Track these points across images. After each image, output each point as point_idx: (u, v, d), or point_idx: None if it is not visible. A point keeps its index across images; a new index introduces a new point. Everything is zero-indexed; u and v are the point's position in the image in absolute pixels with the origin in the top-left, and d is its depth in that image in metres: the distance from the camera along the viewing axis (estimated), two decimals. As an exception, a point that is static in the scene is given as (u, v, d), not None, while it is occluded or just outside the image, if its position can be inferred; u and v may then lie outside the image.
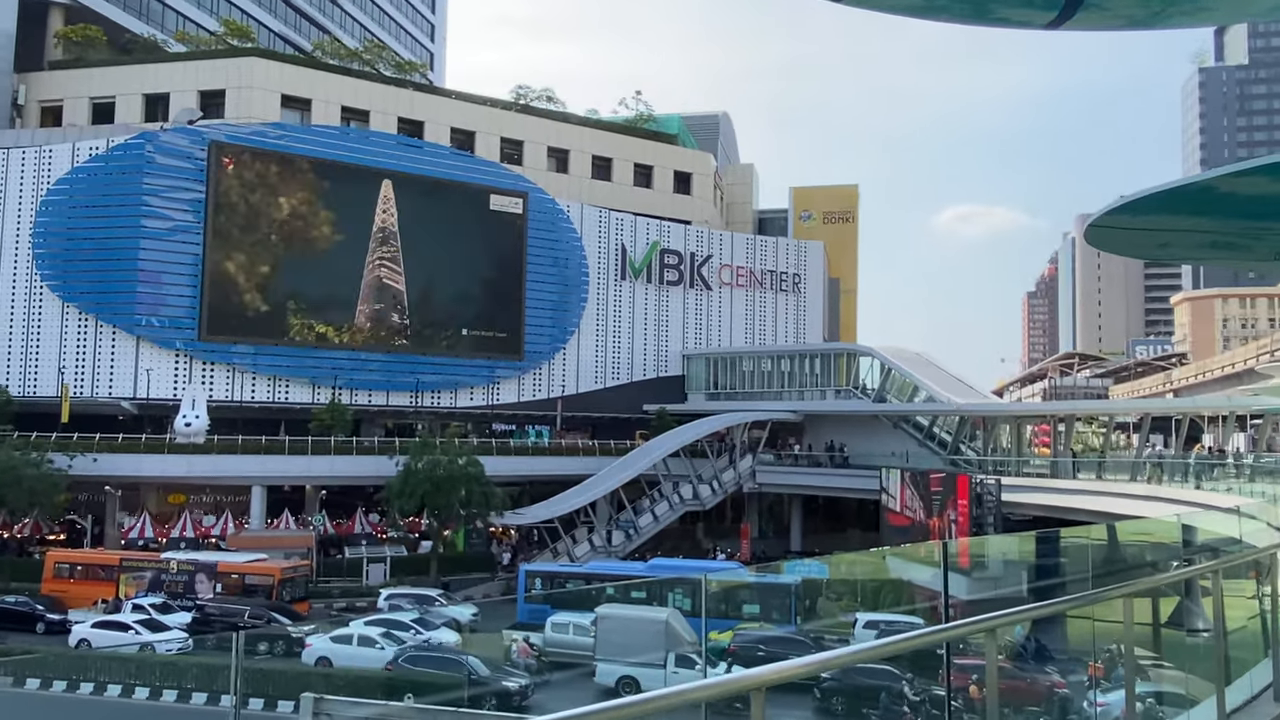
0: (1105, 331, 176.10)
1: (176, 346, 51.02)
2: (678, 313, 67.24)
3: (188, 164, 51.38)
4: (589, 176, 70.04)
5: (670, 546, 56.75)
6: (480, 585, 48.07)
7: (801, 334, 71.55)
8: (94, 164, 50.75)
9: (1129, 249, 11.07)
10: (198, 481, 48.99)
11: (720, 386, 65.40)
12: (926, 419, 54.15)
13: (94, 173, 50.68)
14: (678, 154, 74.78)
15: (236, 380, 52.32)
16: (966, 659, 8.06)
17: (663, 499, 53.50)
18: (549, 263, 61.54)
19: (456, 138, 65.17)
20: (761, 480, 56.38)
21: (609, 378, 64.17)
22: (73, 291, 50.18)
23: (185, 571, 39.29)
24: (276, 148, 53.42)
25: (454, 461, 45.61)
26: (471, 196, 58.74)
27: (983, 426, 50.97)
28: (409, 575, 46.36)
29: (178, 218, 51.03)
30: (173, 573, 39.47)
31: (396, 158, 56.75)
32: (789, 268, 71.74)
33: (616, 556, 49.70)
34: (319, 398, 53.58)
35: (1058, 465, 43.79)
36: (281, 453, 48.94)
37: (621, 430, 61.44)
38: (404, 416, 57.74)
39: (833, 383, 59.34)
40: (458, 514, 46.72)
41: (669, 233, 67.48)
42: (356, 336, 55.12)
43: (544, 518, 49.89)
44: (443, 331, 57.65)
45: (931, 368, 55.38)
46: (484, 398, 59.48)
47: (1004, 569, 14.54)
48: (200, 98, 59.05)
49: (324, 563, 47.42)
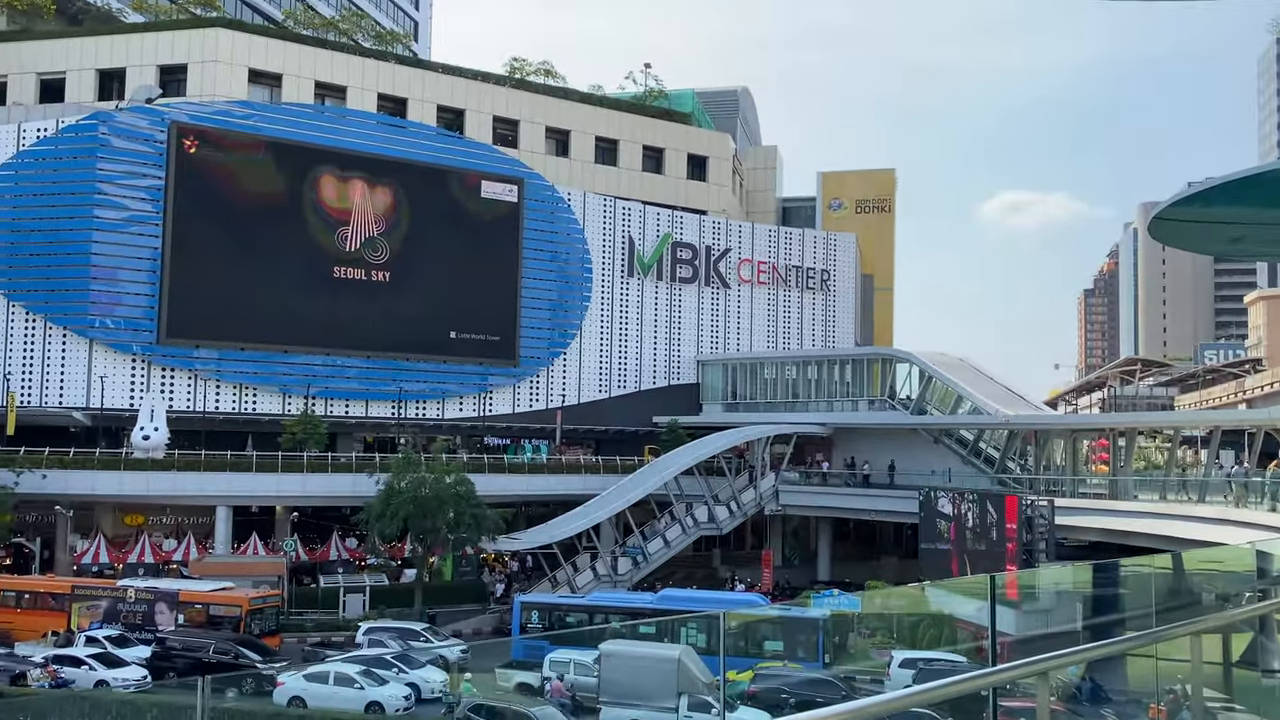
0: (1170, 334, 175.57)
1: (133, 351, 51.36)
2: (692, 313, 67.40)
3: (146, 147, 51.77)
4: (592, 161, 70.30)
5: (683, 576, 56.76)
6: (470, 619, 48.18)
7: (831, 337, 71.60)
8: (42, 147, 51.18)
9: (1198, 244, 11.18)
10: (157, 501, 49.27)
11: (739, 396, 65.48)
12: (971, 433, 54.15)
13: (41, 157, 51.10)
14: (692, 135, 75.01)
15: (199, 388, 52.65)
16: (1014, 701, 8.15)
17: (675, 522, 53.61)
18: (547, 257, 61.79)
19: (444, 117, 65.51)
20: (785, 502, 56.43)
21: (614, 386, 64.34)
22: (18, 289, 50.57)
23: (144, 601, 39.52)
24: (244, 129, 53.79)
25: (441, 480, 45.78)
26: (461, 183, 59.02)
27: (1034, 441, 50.94)
28: (391, 607, 46.51)
29: (135, 207, 51.40)
30: (130, 602, 39.72)
31: (377, 139, 57.08)
32: (817, 263, 71.86)
33: (623, 587, 49.78)
34: (290, 408, 53.86)
35: (1117, 484, 43.76)
36: (249, 469, 49.22)
37: (628, 445, 61.56)
38: (385, 429, 57.98)
39: (865, 392, 59.39)
40: (445, 539, 46.87)
41: (682, 223, 67.68)
42: (332, 339, 55.39)
43: (542, 543, 50.00)
44: (428, 334, 57.88)
45: (977, 375, 55.39)
46: (475, 408, 59.70)
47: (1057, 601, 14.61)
48: (160, 73, 59.54)
49: (296, 592, 47.61)
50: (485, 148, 62.24)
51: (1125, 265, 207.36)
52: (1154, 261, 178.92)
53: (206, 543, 49.75)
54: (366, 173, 56.40)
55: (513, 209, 60.43)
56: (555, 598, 44.26)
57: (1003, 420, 49.21)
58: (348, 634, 41.89)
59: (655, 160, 73.14)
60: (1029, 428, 50.35)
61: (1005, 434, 52.05)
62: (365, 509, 46.42)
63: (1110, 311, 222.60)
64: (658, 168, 73.07)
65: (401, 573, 52.06)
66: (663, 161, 73.16)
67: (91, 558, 48.18)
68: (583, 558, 51.87)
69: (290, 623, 43.97)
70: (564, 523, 50.93)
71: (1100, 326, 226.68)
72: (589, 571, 50.86)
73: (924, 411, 55.01)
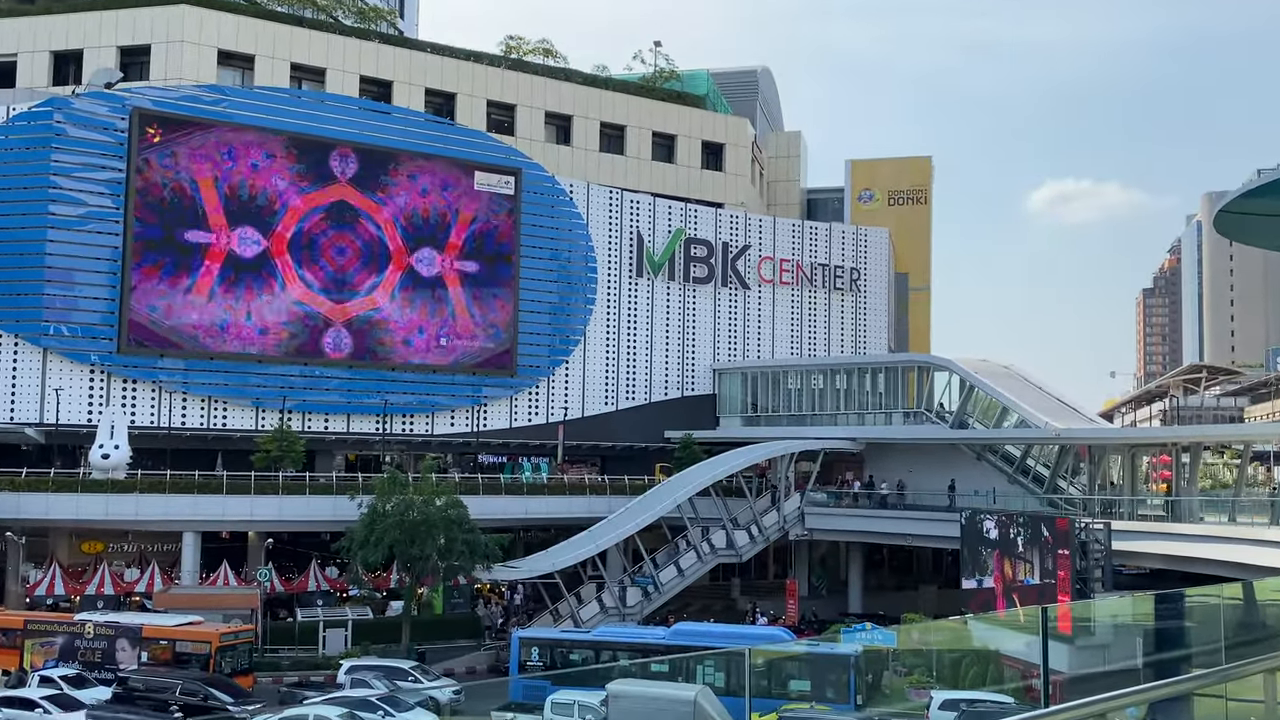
0: (1239, 338, 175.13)
1: (91, 361, 51.64)
2: (707, 317, 67.49)
3: (105, 136, 52.11)
4: (597, 149, 70.53)
5: (699, 608, 56.72)
6: (464, 656, 48.22)
7: (861, 343, 71.62)
8: (-8, 137, 51.50)
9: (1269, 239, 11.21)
10: (118, 526, 49.45)
11: (760, 408, 65.51)
12: (1018, 448, 54.07)
13: (-9, 148, 51.42)
14: (707, 120, 75.23)
15: (164, 402, 52.88)
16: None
17: (689, 548, 53.62)
18: (547, 256, 61.99)
19: (433, 101, 65.82)
20: (812, 525, 56.42)
21: (622, 398, 64.45)
22: (-35, 293, 50.87)
23: (104, 637, 39.66)
24: (213, 115, 54.12)
25: (430, 503, 45.89)
26: (452, 174, 59.28)
27: (1088, 457, 50.86)
28: (376, 643, 46.60)
29: (93, 203, 51.73)
30: (89, 638, 39.86)
31: (359, 126, 57.38)
32: (846, 260, 71.94)
33: (632, 621, 49.81)
34: (264, 423, 54.07)
35: (1181, 505, 43.65)
36: (219, 491, 49.39)
37: (638, 463, 61.61)
38: (369, 446, 58.16)
39: (900, 404, 59.38)
40: (435, 568, 46.92)
41: (696, 218, 67.82)
42: (310, 347, 55.60)
43: (542, 572, 50.03)
44: (416, 341, 58.07)
45: (1024, 385, 55.36)
46: (467, 423, 59.86)
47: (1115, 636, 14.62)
48: (120, 55, 59.93)
49: (271, 627, 47.72)
50: (479, 135, 62.51)
51: (1188, 262, 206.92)
52: (1220, 258, 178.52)
53: (172, 572, 49.89)
54: (347, 163, 56.66)
55: (509, 202, 60.66)
56: (557, 633, 44.26)
57: (1053, 434, 49.14)
58: (328, 673, 41.94)
59: (666, 148, 73.32)
60: (1082, 442, 50.27)
61: (1056, 450, 51.96)
62: (347, 535, 46.54)
63: (1172, 313, 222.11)
64: (669, 156, 73.24)
65: (387, 605, 52.11)
66: (674, 149, 73.33)
67: (46, 589, 48.36)
68: (588, 588, 51.89)
69: (265, 661, 44.02)
70: (567, 549, 50.95)
71: (1161, 330, 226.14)
72: (595, 603, 50.88)
73: (965, 425, 54.98)
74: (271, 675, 42.76)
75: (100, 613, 42.67)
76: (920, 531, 52.84)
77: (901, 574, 66.59)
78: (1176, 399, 77.12)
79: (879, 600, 58.38)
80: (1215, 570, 35.93)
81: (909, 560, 66.47)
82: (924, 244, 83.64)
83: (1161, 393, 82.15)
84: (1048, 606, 33.84)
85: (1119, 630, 14.43)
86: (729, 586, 62.49)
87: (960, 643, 32.08)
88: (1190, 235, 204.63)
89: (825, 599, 60.53)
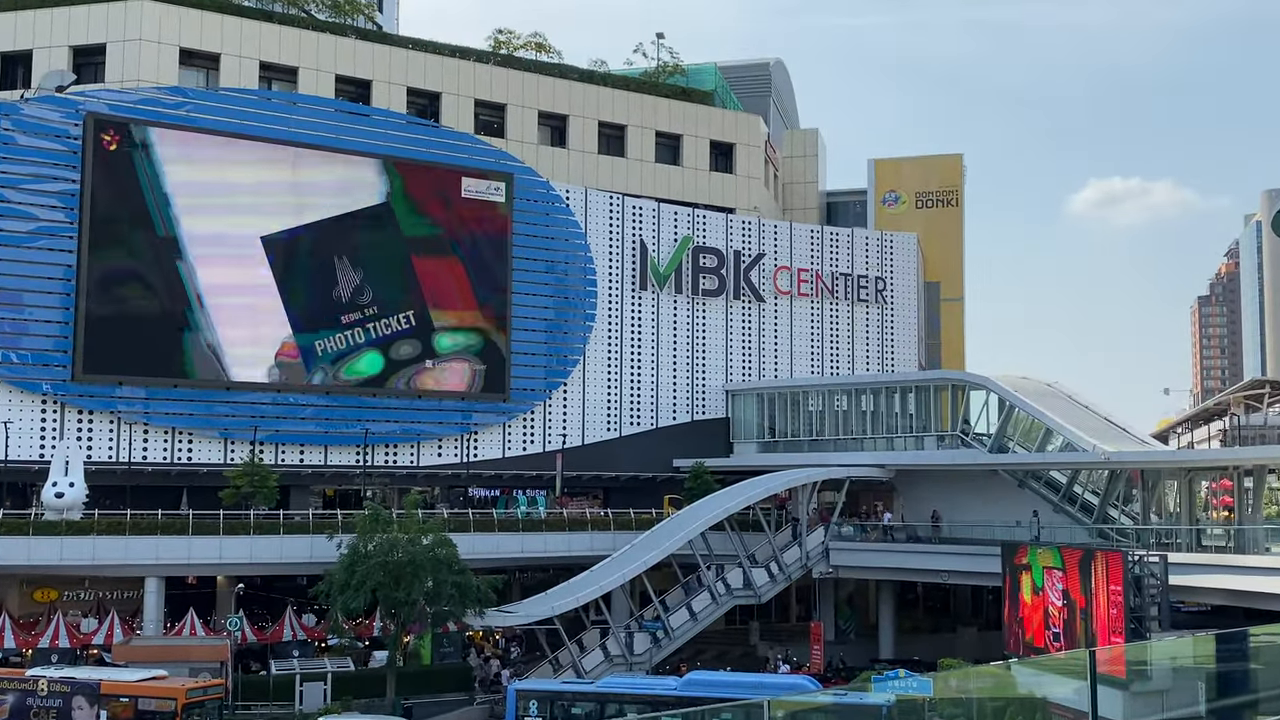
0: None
1: (43, 390, 51.77)
2: (718, 333, 67.57)
3: (57, 145, 52.39)
4: (595, 151, 70.81)
5: (714, 655, 56.56)
6: (455, 710, 48.14)
7: (889, 360, 71.64)
8: (-67, 147, 51.80)
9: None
10: (74, 572, 49.42)
11: (778, 433, 65.50)
12: (1064, 474, 53.99)
13: (-67, 159, 51.71)
14: (715, 117, 75.53)
15: (124, 434, 52.97)
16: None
17: (703, 589, 53.55)
18: (542, 268, 62.15)
19: (416, 102, 66.14)
20: (838, 562, 56.32)
21: (626, 424, 64.46)
22: (-95, 318, 51.05)
23: (59, 694, 39.53)
24: (175, 120, 54.39)
25: (417, 541, 45.88)
26: (437, 180, 59.50)
27: (1141, 483, 50.76)
28: (358, 698, 46.43)
29: (44, 217, 51.96)
30: (42, 695, 39.74)
31: (335, 130, 57.67)
32: (870, 269, 72.05)
33: (641, 670, 49.72)
34: (234, 456, 54.14)
35: (1244, 535, 43.54)
36: (184, 532, 49.39)
37: (644, 495, 61.58)
38: (349, 480, 58.19)
39: (933, 426, 59.36)
40: (423, 613, 46.87)
41: (705, 224, 68.00)
42: (283, 372, 55.72)
43: (541, 617, 49.96)
44: (400, 363, 58.17)
45: (1069, 404, 55.35)
46: (456, 453, 59.89)
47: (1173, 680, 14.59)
48: (73, 55, 60.30)
49: (243, 681, 47.62)
50: (466, 138, 62.80)
51: (1247, 266, 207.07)
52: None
53: (133, 622, 49.84)
54: (323, 170, 56.93)
55: (500, 210, 60.86)
56: (558, 684, 44.19)
57: (1102, 458, 49.09)
58: (306, 731, 41.85)
59: (671, 149, 73.57)
60: (1134, 466, 50.20)
61: (1105, 475, 51.87)
62: (325, 578, 46.49)
63: (1230, 323, 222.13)
64: (674, 158, 73.49)
65: (370, 655, 51.99)
66: (680, 150, 73.59)
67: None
68: (591, 635, 51.80)
69: (236, 719, 43.87)
70: (567, 591, 50.89)
71: (1218, 342, 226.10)
72: (598, 651, 50.79)
73: (1005, 449, 54.95)
74: (243, 735, 42.71)
75: (55, 667, 42.58)
76: (958, 568, 52.73)
77: (938, 615, 66.41)
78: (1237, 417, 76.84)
79: (913, 644, 58.19)
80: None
81: (946, 600, 66.30)
82: (956, 250, 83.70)
83: (1220, 410, 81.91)
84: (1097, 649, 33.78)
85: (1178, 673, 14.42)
86: (747, 631, 62.33)
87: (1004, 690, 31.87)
88: (1249, 237, 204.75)
89: (853, 643, 60.37)
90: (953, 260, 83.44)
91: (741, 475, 58.93)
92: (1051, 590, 42.78)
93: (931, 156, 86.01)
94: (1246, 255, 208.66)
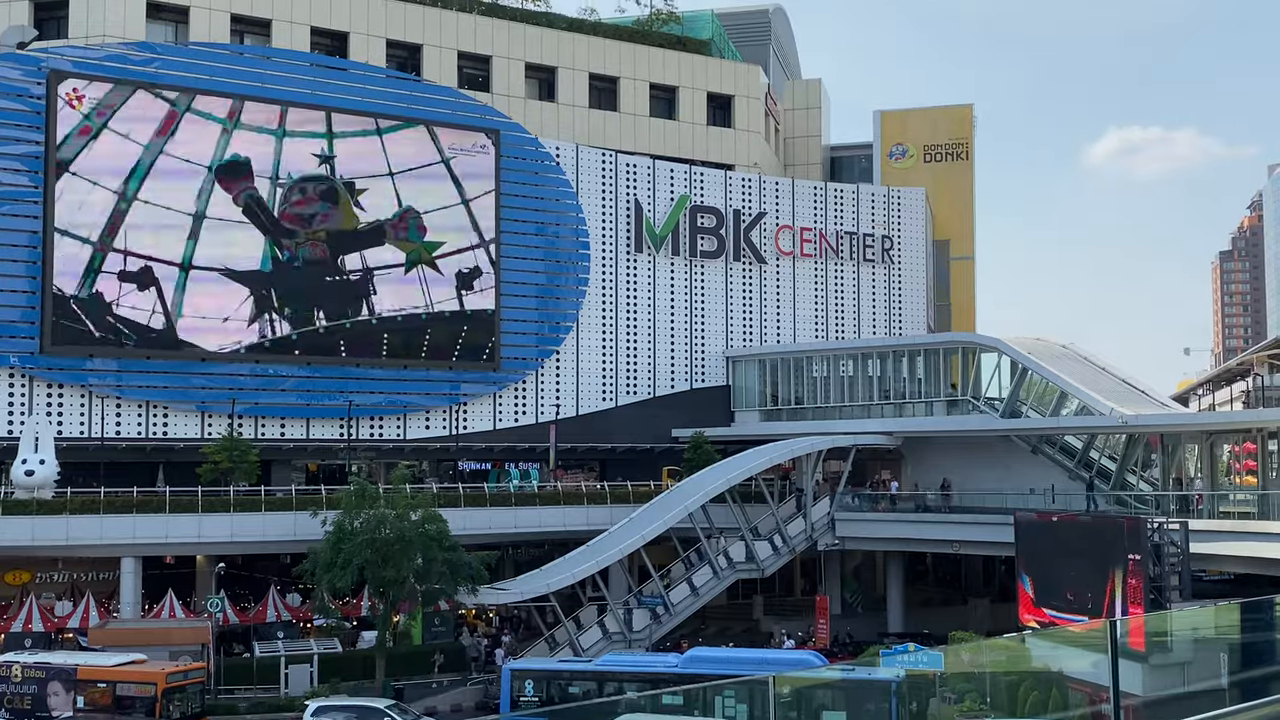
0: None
1: (9, 363, 51.68)
2: (718, 297, 67.52)
3: (19, 104, 52.09)
4: (586, 105, 70.47)
5: (716, 631, 56.90)
6: (447, 692, 48.39)
7: (896, 322, 71.65)
8: (-112, 109, 51.53)
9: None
10: (47, 552, 49.52)
11: (781, 401, 65.56)
12: (1080, 439, 54.11)
13: (-111, 121, 51.45)
14: (712, 68, 75.17)
15: (95, 409, 52.96)
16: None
17: (703, 563, 53.76)
18: (531, 230, 62.01)
19: (396, 55, 65.73)
20: (844, 533, 56.53)
21: (622, 393, 64.51)
22: None
23: (33, 680, 39.74)
24: (142, 77, 54.09)
25: (405, 517, 45.94)
26: (418, 138, 59.25)
27: (1160, 448, 50.90)
28: (346, 680, 46.68)
29: (8, 181, 51.73)
30: (16, 682, 39.94)
31: (311, 85, 57.39)
32: (876, 227, 71.92)
33: (640, 647, 49.94)
34: (211, 430, 54.17)
35: (1269, 500, 43.67)
36: (161, 510, 49.45)
37: (642, 467, 61.70)
38: (332, 454, 58.25)
39: (942, 391, 59.44)
40: (413, 592, 47.06)
41: (703, 182, 67.80)
42: (260, 343, 55.67)
43: (536, 594, 50.18)
44: (383, 332, 58.13)
45: (1085, 366, 55.41)
46: (445, 425, 59.92)
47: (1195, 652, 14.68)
48: (34, 10, 59.77)
49: (226, 664, 47.85)
50: (449, 92, 62.47)
51: (1271, 219, 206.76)
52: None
53: (110, 604, 50.02)
54: (300, 125, 56.69)
55: (486, 169, 60.62)
56: (555, 663, 44.43)
57: (1119, 422, 49.18)
58: (292, 715, 41.98)
59: (667, 102, 73.25)
60: (1153, 430, 50.32)
61: (1123, 440, 51.99)
62: (310, 556, 46.58)
63: (1254, 278, 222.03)
64: (670, 112, 73.19)
65: (358, 636, 52.20)
66: (676, 104, 73.27)
67: (-35, 627, 48.48)
68: (588, 611, 52.03)
69: (219, 703, 44.15)
70: (563, 567, 51.08)
71: (1240, 299, 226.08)
72: (596, 629, 51.03)
73: (1018, 413, 55.03)
74: (227, 719, 42.84)
75: (29, 653, 42.80)
76: (969, 537, 52.93)
77: (948, 587, 66.76)
78: (1261, 377, 76.99)
79: (923, 617, 58.49)
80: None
81: (956, 571, 66.62)
82: (966, 206, 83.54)
83: (1243, 371, 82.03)
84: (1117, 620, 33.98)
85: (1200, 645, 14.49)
86: (750, 605, 62.62)
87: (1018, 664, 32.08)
88: (1273, 188, 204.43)
89: (860, 617, 60.65)
90: (963, 216, 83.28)
91: (743, 445, 59.02)
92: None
93: (940, 108, 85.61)
94: (1271, 207, 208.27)
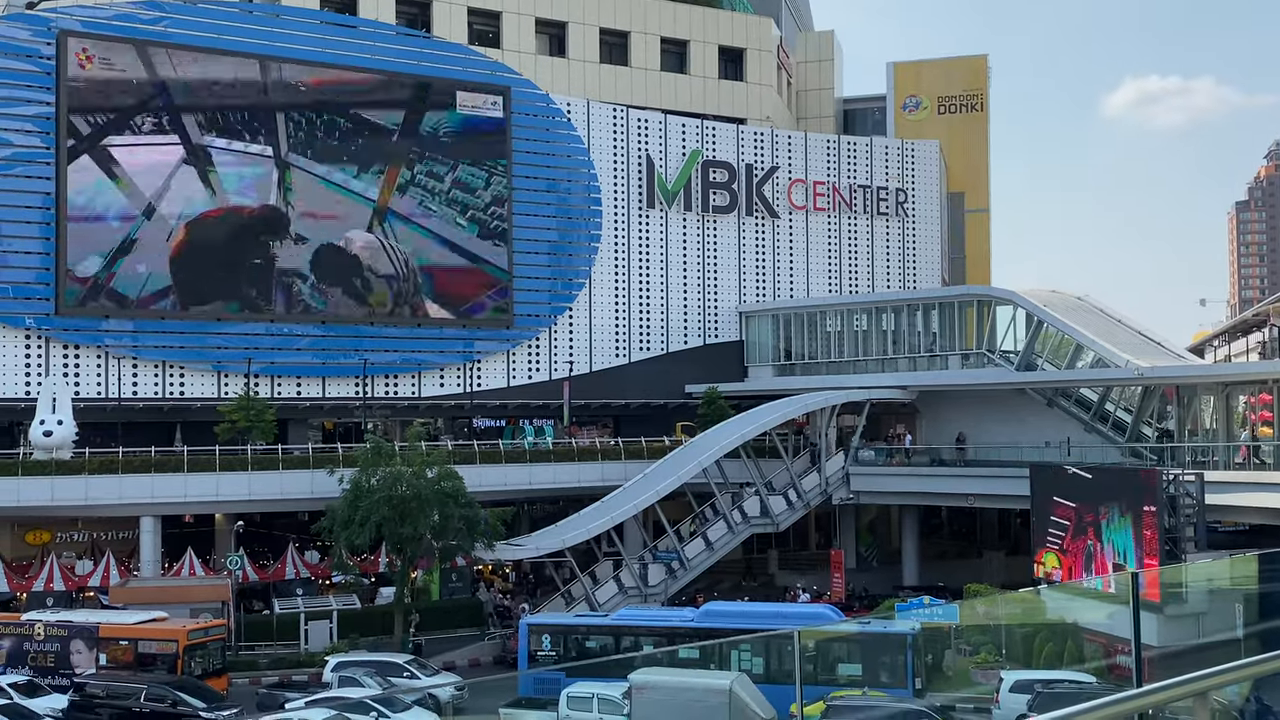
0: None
1: (26, 324, 51.83)
2: (731, 252, 67.30)
3: (29, 65, 51.93)
4: (597, 60, 70.06)
5: (731, 585, 57.15)
6: (465, 647, 48.75)
7: (911, 276, 71.40)
8: (-101, 71, 51.45)
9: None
10: (66, 512, 49.89)
11: (795, 356, 65.49)
12: (1095, 392, 54.01)
13: (-101, 83, 51.39)
14: (724, 21, 74.59)
15: (112, 369, 53.13)
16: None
17: (718, 518, 53.91)
18: (543, 187, 61.79)
19: (405, 12, 65.38)
20: (858, 488, 56.62)
21: (635, 349, 64.49)
22: (-122, 252, 51.07)
23: (56, 638, 40.16)
24: (152, 35, 53.85)
25: (421, 475, 46.15)
26: (429, 96, 58.98)
27: (1176, 399, 50.80)
28: (365, 636, 47.10)
29: (19, 143, 51.65)
30: (39, 640, 40.37)
31: (320, 43, 57.10)
32: (890, 180, 71.51)
33: (656, 602, 50.20)
34: (228, 390, 54.33)
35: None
36: (179, 469, 49.72)
37: (656, 423, 61.78)
38: (348, 413, 58.44)
39: (958, 345, 59.29)
40: (430, 548, 47.33)
41: (715, 137, 67.43)
42: (277, 301, 55.75)
43: (551, 549, 50.41)
44: (397, 292, 58.14)
45: (1101, 318, 55.24)
46: (459, 383, 60.04)
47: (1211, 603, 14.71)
48: (42, -30, 59.56)
49: (246, 621, 48.25)
50: (459, 49, 62.10)
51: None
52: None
53: (130, 563, 50.40)
54: (307, 83, 56.48)
55: (497, 126, 60.37)
56: (571, 618, 44.65)
57: (1135, 374, 49.06)
58: (312, 671, 42.41)
59: (678, 56, 72.74)
60: (1169, 382, 50.19)
61: (1139, 392, 51.87)
62: (328, 514, 46.88)
63: (1270, 229, 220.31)
64: (681, 66, 72.70)
65: (377, 592, 52.59)
66: (687, 58, 72.77)
67: (-13, 587, 48.94)
68: (604, 567, 52.28)
69: (240, 659, 44.49)
70: (578, 523, 51.28)
71: (1257, 249, 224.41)
72: (612, 584, 51.26)
73: (1033, 366, 54.92)
74: (248, 676, 43.20)
75: (51, 611, 43.17)
76: (984, 490, 52.98)
77: (963, 540, 66.92)
78: (1277, 328, 76.66)
79: (938, 570, 58.65)
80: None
81: (971, 524, 66.75)
82: (981, 158, 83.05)
83: (1260, 321, 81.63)
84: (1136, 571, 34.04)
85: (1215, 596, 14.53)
86: (765, 560, 62.88)
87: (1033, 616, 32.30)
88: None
89: (876, 571, 60.89)
90: (977, 169, 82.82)
91: (757, 400, 59.04)
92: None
93: (954, 58, 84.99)
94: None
